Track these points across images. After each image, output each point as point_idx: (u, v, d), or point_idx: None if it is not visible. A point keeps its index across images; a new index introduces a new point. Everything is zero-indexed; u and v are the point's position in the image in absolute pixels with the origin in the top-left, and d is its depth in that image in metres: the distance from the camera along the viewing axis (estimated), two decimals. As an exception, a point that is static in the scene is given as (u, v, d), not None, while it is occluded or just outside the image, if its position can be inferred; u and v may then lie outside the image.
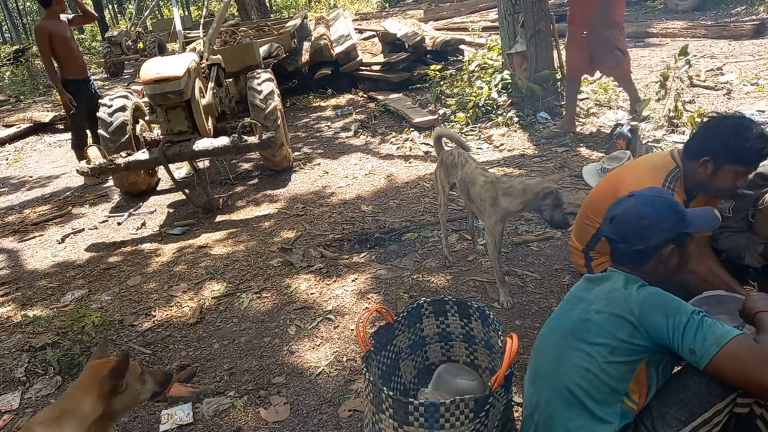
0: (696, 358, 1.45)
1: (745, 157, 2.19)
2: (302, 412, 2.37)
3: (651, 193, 1.72)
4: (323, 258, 3.65)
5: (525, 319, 2.78)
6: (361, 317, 1.92)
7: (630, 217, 1.66)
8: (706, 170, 2.26)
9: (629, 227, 1.66)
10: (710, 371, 1.45)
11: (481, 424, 1.69)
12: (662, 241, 1.63)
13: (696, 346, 1.44)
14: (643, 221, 1.63)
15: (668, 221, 1.63)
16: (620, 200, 1.75)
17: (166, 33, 13.42)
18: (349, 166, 5.38)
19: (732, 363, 1.42)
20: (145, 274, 3.77)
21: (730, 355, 1.42)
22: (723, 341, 1.43)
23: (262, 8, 13.40)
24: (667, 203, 1.67)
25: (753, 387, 1.43)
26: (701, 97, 5.64)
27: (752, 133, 2.16)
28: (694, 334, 1.45)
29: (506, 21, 5.88)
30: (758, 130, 2.17)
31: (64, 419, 1.65)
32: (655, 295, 1.57)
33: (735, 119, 2.25)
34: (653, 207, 1.65)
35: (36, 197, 5.80)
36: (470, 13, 11.40)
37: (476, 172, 2.94)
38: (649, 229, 1.63)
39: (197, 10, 23.44)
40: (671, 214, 1.64)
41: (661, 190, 1.76)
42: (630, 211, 1.67)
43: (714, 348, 1.43)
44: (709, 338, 1.44)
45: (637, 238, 1.64)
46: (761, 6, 9.28)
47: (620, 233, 1.68)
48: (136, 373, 1.81)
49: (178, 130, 4.57)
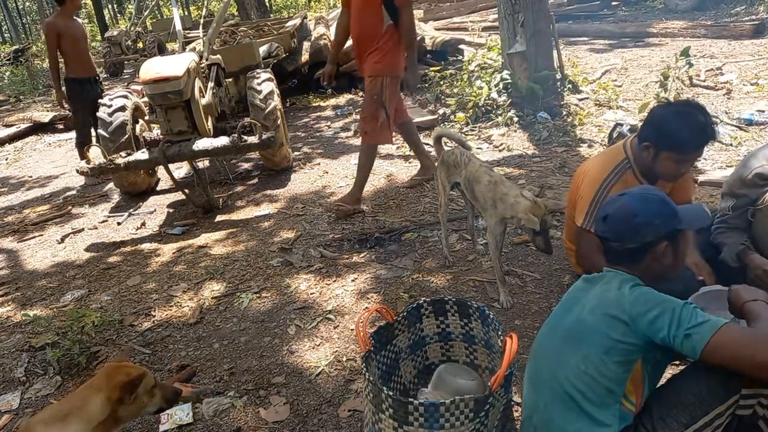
0: (693, 342, 1.44)
1: (678, 146, 2.25)
2: (302, 412, 2.37)
3: (642, 191, 1.73)
4: (323, 258, 3.65)
5: (525, 319, 2.78)
6: (360, 317, 1.92)
7: (622, 216, 1.66)
8: (648, 155, 2.34)
9: (622, 226, 1.66)
10: (707, 355, 1.44)
11: (480, 424, 1.69)
12: (656, 238, 1.63)
13: (692, 330, 1.45)
14: (636, 219, 1.63)
15: (660, 218, 1.63)
16: (612, 199, 1.76)
17: (166, 33, 13.44)
18: (348, 166, 5.38)
19: (728, 345, 1.43)
20: (144, 274, 3.76)
21: (726, 336, 1.43)
22: (718, 325, 1.44)
23: (261, 8, 13.41)
24: (659, 200, 1.67)
25: (748, 366, 1.43)
26: (701, 96, 5.63)
27: (690, 122, 2.19)
28: (689, 321, 1.46)
29: (506, 21, 5.87)
30: (699, 120, 2.19)
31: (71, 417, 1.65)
32: (646, 293, 1.57)
33: (677, 107, 2.29)
34: (645, 204, 1.65)
35: (35, 197, 5.80)
36: (470, 13, 11.41)
37: (481, 171, 2.94)
38: (642, 226, 1.63)
39: (197, 10, 23.44)
40: (663, 210, 1.65)
41: (651, 188, 1.77)
42: (622, 209, 1.67)
43: (710, 330, 1.44)
44: (705, 324, 1.45)
45: (630, 236, 1.64)
46: (761, 6, 9.28)
47: (613, 232, 1.68)
48: (148, 387, 1.80)
49: (178, 130, 4.57)
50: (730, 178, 2.49)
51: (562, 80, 6.06)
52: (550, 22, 5.78)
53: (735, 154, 4.29)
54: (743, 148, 4.39)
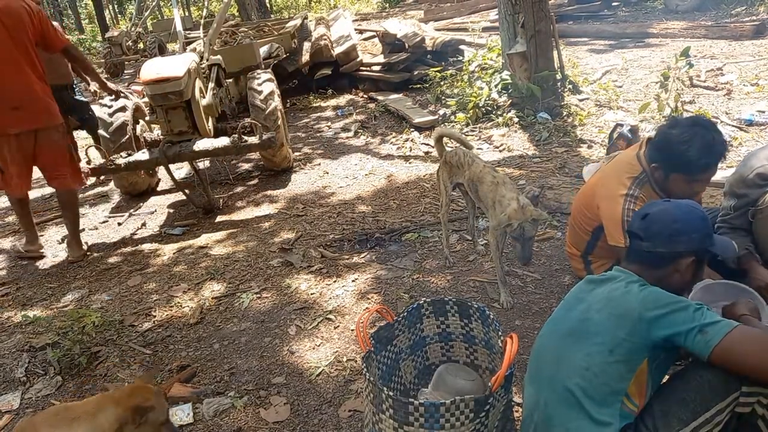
0: (708, 338, 1.45)
1: (687, 168, 2.22)
2: (302, 412, 2.37)
3: (689, 202, 1.75)
4: (323, 258, 3.65)
5: (525, 319, 2.78)
6: (361, 317, 1.92)
7: (663, 218, 1.68)
8: (659, 177, 2.32)
9: (660, 227, 1.67)
10: (718, 353, 1.44)
11: (481, 425, 1.69)
12: (686, 250, 1.64)
13: (708, 327, 1.46)
14: (676, 225, 1.65)
15: (698, 233, 1.65)
16: (656, 202, 1.79)
17: (167, 33, 13.44)
18: (349, 166, 5.39)
19: (743, 345, 1.44)
20: (145, 275, 3.77)
21: (742, 336, 1.44)
22: (733, 324, 1.46)
23: (262, 8, 13.43)
24: (702, 217, 1.69)
25: (760, 372, 1.44)
26: (701, 97, 5.63)
27: (696, 143, 2.15)
28: (702, 317, 1.48)
29: (506, 21, 5.87)
30: (706, 139, 2.15)
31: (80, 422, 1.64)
32: (657, 292, 1.58)
33: (683, 128, 2.22)
34: (688, 215, 1.67)
35: (35, 197, 5.80)
36: (470, 14, 11.41)
37: (485, 171, 2.94)
38: (678, 233, 1.64)
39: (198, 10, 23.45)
40: (702, 227, 1.67)
41: (696, 204, 1.80)
42: (665, 212, 1.69)
43: (726, 328, 1.45)
44: (720, 322, 1.47)
45: (663, 239, 1.65)
46: (761, 6, 9.28)
47: (649, 231, 1.69)
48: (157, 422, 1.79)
49: (179, 130, 4.57)
50: (732, 177, 2.48)
51: (563, 81, 6.05)
52: (550, 23, 5.77)
53: (735, 154, 4.29)
54: (743, 149, 4.38)
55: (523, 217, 2.59)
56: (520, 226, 2.59)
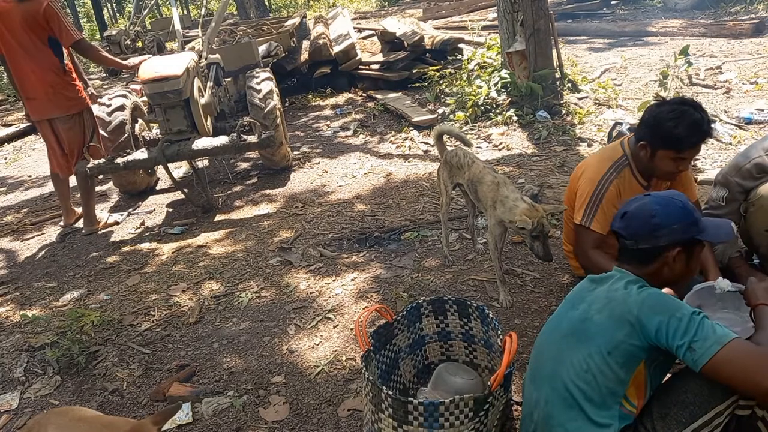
0: (695, 357, 1.43)
1: (674, 144, 2.24)
2: (301, 411, 2.36)
3: (668, 194, 1.72)
4: (322, 257, 3.65)
5: (524, 318, 2.78)
6: (360, 316, 1.92)
7: (641, 215, 1.66)
8: (646, 154, 2.34)
9: (639, 224, 1.66)
10: (708, 371, 1.42)
11: (480, 424, 1.69)
12: (670, 242, 1.62)
13: (696, 345, 1.43)
14: (654, 219, 1.63)
15: (679, 224, 1.62)
16: (635, 198, 1.76)
17: (165, 32, 13.41)
18: (348, 165, 5.38)
19: (731, 364, 1.40)
20: (144, 274, 3.76)
21: (731, 355, 1.40)
22: (724, 341, 1.41)
23: (261, 7, 13.42)
24: (681, 206, 1.65)
25: (752, 389, 1.41)
26: (700, 95, 5.63)
27: (685, 120, 2.18)
28: (694, 333, 1.44)
29: (505, 20, 5.87)
30: (694, 117, 2.18)
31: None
32: (655, 295, 1.56)
33: (672, 105, 2.27)
34: (666, 207, 1.64)
35: (35, 197, 5.80)
36: (469, 12, 11.41)
37: (484, 171, 2.93)
38: (658, 228, 1.62)
39: (196, 9, 23.43)
40: (683, 216, 1.63)
41: (677, 193, 1.74)
42: (642, 208, 1.67)
43: (715, 347, 1.41)
44: (710, 338, 1.43)
45: (645, 236, 1.64)
46: (760, 4, 9.28)
47: (629, 229, 1.68)
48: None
49: (177, 129, 4.56)
50: (726, 166, 2.47)
51: (562, 79, 6.05)
52: (549, 21, 5.77)
53: (734, 152, 4.29)
54: (742, 147, 4.39)
55: (536, 214, 2.57)
56: (540, 223, 2.56)
